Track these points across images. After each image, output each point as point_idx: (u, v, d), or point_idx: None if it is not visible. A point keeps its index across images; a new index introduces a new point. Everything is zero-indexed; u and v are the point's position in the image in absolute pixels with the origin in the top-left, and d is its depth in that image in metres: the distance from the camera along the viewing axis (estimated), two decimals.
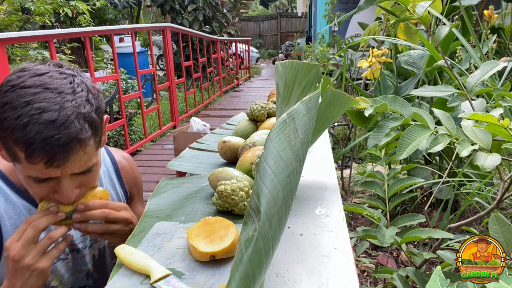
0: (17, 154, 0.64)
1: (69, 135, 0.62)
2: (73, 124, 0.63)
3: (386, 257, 1.83)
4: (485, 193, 1.43)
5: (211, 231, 0.65)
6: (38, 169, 0.64)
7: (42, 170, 0.64)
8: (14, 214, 0.78)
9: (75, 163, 0.66)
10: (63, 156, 0.63)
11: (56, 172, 0.66)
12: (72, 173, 0.68)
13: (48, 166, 0.63)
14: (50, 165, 0.63)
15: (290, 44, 14.61)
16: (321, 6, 7.16)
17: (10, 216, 0.77)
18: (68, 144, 0.63)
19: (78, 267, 0.88)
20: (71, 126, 0.63)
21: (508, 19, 2.59)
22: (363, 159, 3.30)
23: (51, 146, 0.61)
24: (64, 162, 0.64)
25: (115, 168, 0.96)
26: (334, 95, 0.79)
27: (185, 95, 5.31)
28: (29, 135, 0.61)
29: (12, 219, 0.78)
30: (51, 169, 0.64)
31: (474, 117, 0.80)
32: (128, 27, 4.09)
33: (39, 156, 0.62)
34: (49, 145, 0.61)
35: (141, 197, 1.06)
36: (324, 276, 0.57)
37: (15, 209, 0.78)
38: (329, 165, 1.02)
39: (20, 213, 0.78)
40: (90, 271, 0.90)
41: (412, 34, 1.33)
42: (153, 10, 14.35)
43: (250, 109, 1.20)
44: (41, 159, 0.62)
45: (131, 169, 1.00)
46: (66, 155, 0.63)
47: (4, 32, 2.93)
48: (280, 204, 0.45)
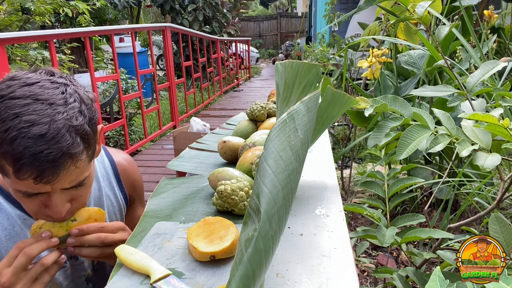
0: (5, 168, 0.61)
1: (60, 150, 0.59)
2: (64, 138, 0.60)
3: (386, 257, 1.83)
4: (485, 193, 1.43)
5: (211, 231, 0.65)
6: (28, 185, 0.62)
7: (31, 185, 0.62)
8: (8, 225, 0.76)
9: (65, 178, 0.64)
10: (53, 172, 0.60)
11: (46, 188, 0.63)
12: (63, 188, 0.66)
13: (37, 182, 0.61)
14: (39, 181, 0.60)
15: (290, 44, 14.62)
16: (321, 6, 7.16)
17: (4, 227, 0.75)
18: (58, 160, 0.60)
19: (77, 273, 0.87)
20: (62, 140, 0.60)
21: (508, 19, 2.59)
22: (363, 159, 3.30)
23: (40, 161, 0.58)
24: (54, 178, 0.61)
25: (115, 171, 0.93)
26: (334, 95, 0.79)
27: (185, 95, 5.32)
28: (18, 150, 0.58)
29: (6, 230, 0.75)
30: (40, 185, 0.62)
31: (474, 117, 0.80)
32: (128, 27, 4.10)
33: (27, 171, 0.59)
34: (38, 161, 0.58)
35: (142, 199, 1.03)
36: (324, 276, 0.57)
37: (9, 220, 0.76)
38: (329, 165, 1.02)
39: (14, 223, 0.76)
40: (90, 275, 0.89)
41: (412, 34, 1.33)
42: (153, 10, 14.36)
43: (250, 109, 1.20)
44: (30, 175, 0.59)
45: (132, 171, 0.97)
46: (56, 170, 0.60)
47: (4, 32, 2.93)
48: (280, 204, 0.45)
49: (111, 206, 0.92)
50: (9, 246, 0.76)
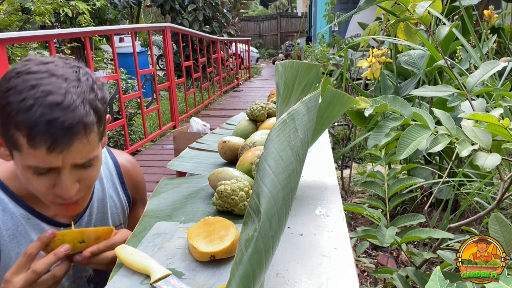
0: (19, 141, 0.62)
1: (74, 119, 0.61)
2: (79, 108, 0.62)
3: (386, 257, 1.83)
4: (485, 193, 1.43)
5: (211, 231, 0.65)
6: (39, 156, 0.62)
7: (43, 157, 0.62)
8: (12, 225, 0.75)
9: (77, 151, 0.64)
10: (67, 141, 0.61)
11: (57, 161, 0.63)
12: (73, 164, 0.66)
13: (50, 151, 0.61)
14: (53, 149, 0.61)
15: (290, 44, 14.61)
16: (321, 6, 7.16)
17: (8, 227, 0.75)
18: (72, 128, 0.61)
19: (79, 274, 0.87)
20: (77, 110, 0.62)
21: (508, 19, 2.59)
22: (363, 159, 3.30)
23: (56, 128, 0.60)
24: (67, 147, 0.62)
25: (118, 172, 0.94)
26: (334, 95, 0.79)
27: (185, 95, 5.32)
28: (33, 118, 0.59)
29: (10, 229, 0.75)
30: (53, 156, 0.62)
31: (474, 117, 0.80)
32: (128, 27, 4.10)
33: (42, 139, 0.60)
34: (53, 128, 0.60)
35: (145, 200, 1.03)
36: (324, 276, 0.57)
37: (13, 219, 0.76)
38: (329, 165, 1.02)
39: (18, 223, 0.76)
40: (91, 276, 0.89)
41: (412, 34, 1.33)
42: (153, 10, 14.35)
43: (250, 109, 1.20)
44: (44, 143, 0.60)
45: (135, 173, 0.98)
46: (70, 139, 0.62)
47: (4, 32, 2.93)
48: (280, 204, 0.45)
49: (114, 207, 0.92)
50: (12, 245, 0.76)
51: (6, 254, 0.75)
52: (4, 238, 0.75)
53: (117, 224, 0.94)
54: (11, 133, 0.62)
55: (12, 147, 0.64)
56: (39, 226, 0.79)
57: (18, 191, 0.77)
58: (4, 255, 0.75)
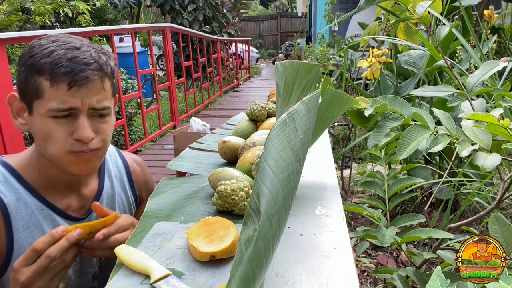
0: (41, 86, 0.69)
1: (91, 58, 0.71)
2: (95, 53, 0.73)
3: (386, 257, 1.83)
4: (485, 193, 1.43)
5: (211, 231, 0.65)
6: (60, 96, 0.69)
7: (64, 96, 0.69)
8: (25, 215, 0.77)
9: (94, 92, 0.71)
10: (85, 76, 0.69)
11: (76, 101, 0.70)
12: (91, 107, 0.72)
13: (70, 86, 0.68)
14: (73, 85, 0.68)
15: (290, 44, 14.61)
16: (321, 6, 7.17)
17: (21, 217, 0.76)
18: (90, 64, 0.70)
19: (85, 270, 0.87)
20: (93, 53, 0.72)
21: (508, 19, 2.59)
22: (363, 159, 3.30)
23: (75, 64, 0.69)
24: (85, 83, 0.69)
25: (127, 171, 0.97)
26: (334, 95, 0.79)
27: (185, 95, 5.32)
28: (55, 57, 0.68)
29: (24, 219, 0.77)
30: (72, 93, 0.69)
31: (474, 117, 0.80)
32: (128, 27, 4.10)
33: (63, 76, 0.68)
34: (73, 63, 0.69)
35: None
36: (324, 276, 0.57)
37: (27, 209, 0.77)
38: (329, 165, 1.02)
39: (31, 213, 0.78)
40: (96, 273, 0.90)
41: (412, 34, 1.33)
42: (153, 10, 14.35)
43: (250, 109, 1.20)
44: (65, 79, 0.68)
45: (143, 172, 1.02)
46: (89, 75, 0.70)
47: (4, 32, 2.93)
48: (280, 204, 0.45)
49: (121, 204, 0.95)
50: (25, 235, 0.77)
51: (20, 244, 0.76)
52: (18, 227, 0.76)
53: None
54: (33, 81, 0.70)
55: (34, 98, 0.71)
56: (52, 217, 0.80)
57: (33, 181, 0.79)
58: (18, 244, 0.76)
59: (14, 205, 0.76)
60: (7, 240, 0.75)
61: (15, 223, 0.76)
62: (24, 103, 0.74)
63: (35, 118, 0.73)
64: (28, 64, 0.70)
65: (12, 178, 0.77)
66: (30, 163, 0.79)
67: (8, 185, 0.76)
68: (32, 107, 0.72)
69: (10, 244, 0.75)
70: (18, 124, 0.77)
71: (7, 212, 0.75)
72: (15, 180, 0.78)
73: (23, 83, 0.72)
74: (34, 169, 0.79)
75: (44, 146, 0.74)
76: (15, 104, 0.77)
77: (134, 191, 0.99)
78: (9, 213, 0.75)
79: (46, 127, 0.71)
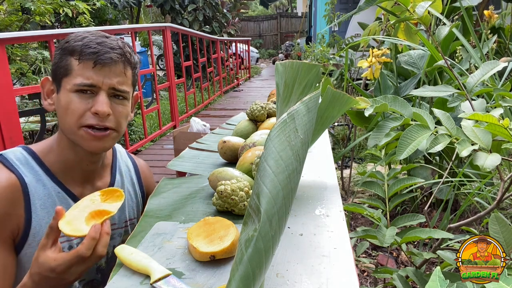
0: (71, 64, 0.78)
1: (118, 45, 0.80)
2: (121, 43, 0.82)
3: (386, 257, 1.83)
4: (485, 193, 1.43)
5: (211, 231, 0.65)
6: (86, 72, 0.77)
7: (88, 72, 0.77)
8: (43, 195, 0.81)
9: (116, 74, 0.79)
10: (110, 57, 0.78)
11: (99, 78, 0.77)
12: (111, 86, 0.79)
13: (95, 64, 0.76)
14: (98, 63, 0.77)
15: (290, 44, 14.61)
16: (321, 6, 7.16)
17: (40, 196, 0.80)
18: (116, 49, 0.79)
19: None
20: (120, 43, 0.82)
21: (508, 19, 2.59)
22: (363, 159, 3.30)
23: (102, 46, 0.78)
24: (109, 64, 0.78)
25: (136, 170, 1.03)
26: (334, 95, 0.79)
27: (185, 95, 5.31)
28: (87, 41, 0.78)
29: (42, 199, 0.81)
30: (96, 70, 0.77)
31: (474, 117, 0.80)
32: (128, 27, 4.09)
33: (91, 54, 0.76)
34: (101, 46, 0.78)
35: None
36: (324, 276, 0.57)
37: (45, 189, 0.81)
38: (329, 165, 1.02)
39: (49, 194, 0.82)
40: (102, 266, 0.92)
41: (412, 34, 1.33)
42: (153, 10, 14.35)
43: (250, 109, 1.20)
44: (92, 57, 0.76)
45: (149, 175, 1.08)
46: (114, 56, 0.78)
47: (4, 32, 2.93)
48: (280, 204, 0.45)
49: (130, 200, 0.99)
50: (42, 215, 0.80)
51: (37, 222, 0.80)
52: (36, 206, 0.80)
53: (132, 218, 0.99)
54: (64, 61, 0.78)
55: (63, 76, 0.79)
56: (67, 201, 0.84)
57: (52, 166, 0.84)
58: (35, 222, 0.80)
59: (33, 185, 0.80)
60: (26, 217, 0.79)
61: (34, 202, 0.80)
62: (54, 84, 0.82)
63: (61, 95, 0.79)
64: (63, 47, 0.79)
65: (33, 162, 0.82)
66: (51, 149, 0.85)
67: (29, 167, 0.81)
68: (61, 85, 0.79)
69: (28, 221, 0.79)
70: (46, 104, 0.84)
71: (27, 190, 0.79)
72: (36, 163, 0.82)
73: (56, 64, 0.80)
74: (54, 154, 0.85)
75: (64, 119, 0.79)
76: (47, 86, 0.84)
77: (142, 189, 1.03)
78: (29, 192, 0.79)
79: (69, 101, 0.78)
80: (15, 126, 2.14)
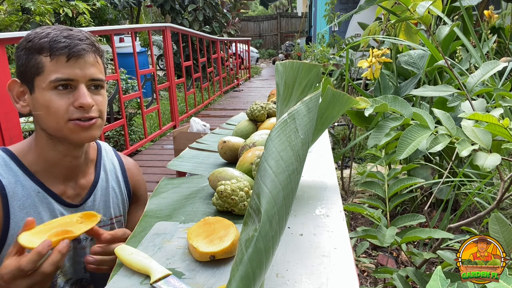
0: (41, 62, 0.76)
1: (85, 36, 0.80)
2: (86, 33, 0.82)
3: (386, 257, 1.83)
4: (485, 193, 1.43)
5: (211, 231, 0.65)
6: (60, 67, 0.75)
7: (63, 67, 0.76)
8: (22, 196, 0.80)
9: (90, 64, 0.79)
10: (81, 48, 0.77)
11: (75, 72, 0.76)
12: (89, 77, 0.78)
13: (69, 58, 0.76)
14: (71, 56, 0.76)
15: (290, 44, 14.61)
16: (321, 6, 7.16)
17: (18, 197, 0.80)
18: (84, 40, 0.79)
19: (78, 258, 0.89)
20: (85, 33, 0.82)
21: (508, 19, 2.59)
22: (363, 159, 3.30)
23: (72, 39, 0.77)
24: (82, 55, 0.77)
25: (122, 167, 1.02)
26: (334, 95, 0.79)
27: (185, 95, 5.31)
28: (53, 36, 0.77)
29: (20, 200, 0.80)
30: (71, 64, 0.76)
31: (474, 117, 0.80)
32: (128, 27, 4.09)
33: (62, 49, 0.75)
34: (70, 39, 0.77)
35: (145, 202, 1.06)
36: (324, 276, 0.57)
37: (24, 191, 0.81)
38: (329, 165, 1.02)
39: (28, 194, 0.81)
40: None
41: (412, 34, 1.33)
42: (153, 10, 14.34)
43: (250, 109, 1.20)
44: (64, 51, 0.75)
45: (136, 173, 1.06)
46: (84, 47, 0.78)
47: (4, 32, 2.93)
48: (281, 204, 0.45)
49: (115, 198, 0.98)
50: (21, 216, 0.79)
51: (16, 223, 0.79)
52: (14, 207, 0.79)
53: (118, 215, 0.99)
54: (33, 60, 0.76)
55: (35, 75, 0.77)
56: (47, 200, 0.84)
57: (31, 166, 0.83)
58: (14, 224, 0.79)
59: (11, 186, 0.79)
60: (4, 219, 0.78)
61: (12, 203, 0.79)
62: (25, 85, 0.80)
63: (37, 95, 0.78)
64: (28, 47, 0.77)
65: (12, 163, 0.82)
66: (30, 149, 0.84)
67: (8, 168, 0.81)
68: (34, 85, 0.78)
69: (6, 222, 0.78)
70: (19, 107, 0.82)
71: (5, 192, 0.78)
72: (15, 164, 0.82)
73: (23, 65, 0.78)
74: (33, 154, 0.84)
75: (46, 119, 0.78)
76: (15, 89, 0.82)
77: (128, 187, 1.02)
78: (6, 194, 0.79)
79: (48, 100, 0.77)
80: (15, 126, 2.14)
